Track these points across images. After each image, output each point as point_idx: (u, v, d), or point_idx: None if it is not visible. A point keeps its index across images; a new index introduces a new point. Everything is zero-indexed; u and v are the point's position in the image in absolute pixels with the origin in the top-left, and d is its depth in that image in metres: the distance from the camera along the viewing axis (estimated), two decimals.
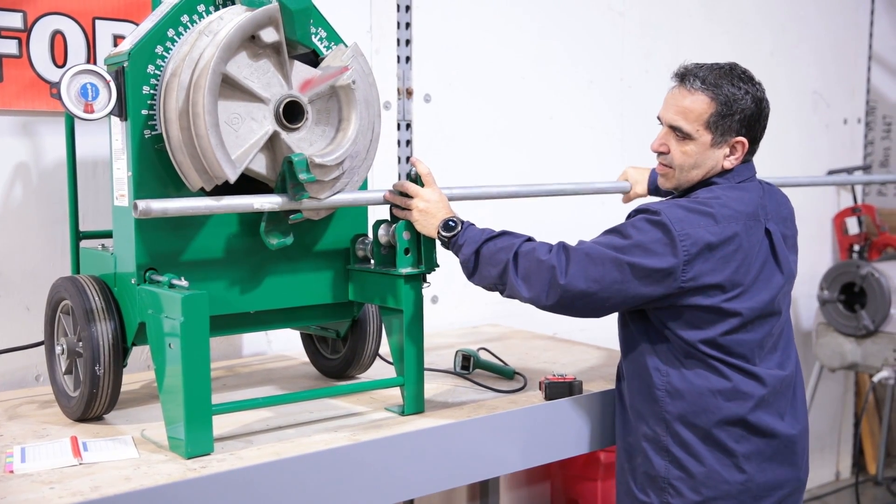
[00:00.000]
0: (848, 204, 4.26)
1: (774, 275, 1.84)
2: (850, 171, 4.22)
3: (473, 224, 1.90)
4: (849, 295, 3.83)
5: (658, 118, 1.91)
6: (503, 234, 1.86)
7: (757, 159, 1.84)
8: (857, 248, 4.09)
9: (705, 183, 1.88)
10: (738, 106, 1.83)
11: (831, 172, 4.24)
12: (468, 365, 2.23)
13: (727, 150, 1.86)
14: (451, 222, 1.87)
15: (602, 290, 1.74)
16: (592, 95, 3.33)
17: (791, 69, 4.04)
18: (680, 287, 1.75)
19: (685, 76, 1.87)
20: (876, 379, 3.74)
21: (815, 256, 4.25)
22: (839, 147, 4.32)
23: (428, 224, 1.88)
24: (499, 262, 1.81)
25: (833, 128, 4.29)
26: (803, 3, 4.08)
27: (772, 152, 3.98)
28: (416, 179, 1.96)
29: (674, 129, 1.86)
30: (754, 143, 1.90)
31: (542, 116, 3.18)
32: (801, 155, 4.13)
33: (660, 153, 1.90)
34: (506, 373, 2.22)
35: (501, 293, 1.84)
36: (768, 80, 3.89)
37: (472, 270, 1.85)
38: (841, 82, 4.31)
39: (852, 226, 4.18)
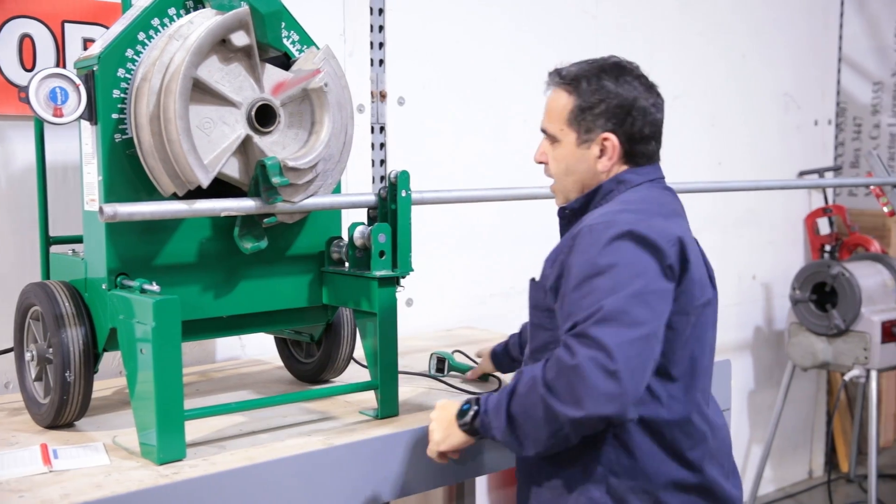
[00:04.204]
0: (819, 204, 4.31)
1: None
2: (821, 172, 4.27)
3: (482, 395, 1.63)
4: (820, 294, 3.87)
5: None
6: (514, 379, 1.55)
7: (730, 159, 1.82)
8: (828, 248, 4.13)
9: (600, 192, 1.67)
10: (597, 97, 1.63)
11: (803, 173, 4.29)
12: (442, 367, 2.24)
13: (597, 151, 1.65)
14: (462, 407, 1.63)
15: (652, 335, 1.46)
16: None
17: (763, 71, 4.08)
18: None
19: (550, 75, 1.71)
20: (847, 377, 3.78)
21: (787, 256, 4.30)
22: (810, 148, 4.37)
23: (445, 428, 1.64)
24: (535, 405, 1.47)
25: (804, 129, 4.34)
26: (775, 6, 4.12)
27: (744, 153, 4.03)
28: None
29: (544, 133, 1.72)
30: (632, 141, 1.65)
31: (516, 119, 3.19)
32: (773, 156, 4.17)
33: (542, 164, 1.75)
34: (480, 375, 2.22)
35: (570, 440, 1.49)
36: (741, 81, 3.97)
37: (519, 440, 1.52)
38: (812, 84, 4.36)
39: (823, 226, 4.22)
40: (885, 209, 3.50)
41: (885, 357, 3.69)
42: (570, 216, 1.74)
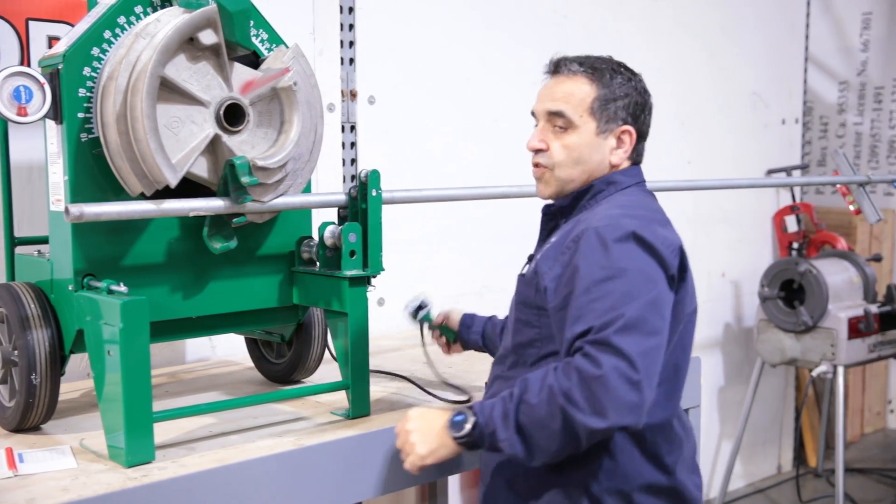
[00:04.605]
0: (787, 202, 4.36)
1: None
2: (788, 170, 4.32)
3: (473, 404, 1.55)
4: (788, 291, 3.92)
5: (533, 114, 1.71)
6: (518, 387, 1.49)
7: (699, 158, 1.84)
8: (795, 245, 4.18)
9: (590, 192, 1.66)
10: (621, 91, 1.65)
11: (770, 171, 4.34)
12: (417, 313, 2.13)
13: (613, 143, 1.66)
14: (455, 419, 1.54)
15: (664, 344, 1.48)
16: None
17: (731, 71, 4.12)
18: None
19: (560, 65, 1.68)
20: (815, 373, 3.83)
21: (755, 254, 4.34)
22: (778, 146, 4.42)
23: (431, 440, 1.55)
24: (552, 416, 1.43)
25: (772, 128, 4.39)
26: (742, 6, 4.17)
27: (713, 152, 4.07)
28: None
29: (555, 116, 1.64)
30: (641, 138, 1.70)
31: (487, 118, 3.19)
32: (742, 154, 4.21)
33: (537, 151, 1.68)
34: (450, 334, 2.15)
35: (580, 449, 1.47)
36: (709, 81, 4.00)
37: (530, 451, 1.47)
38: (779, 83, 4.41)
39: (791, 224, 4.28)
40: (851, 207, 3.55)
41: (852, 353, 3.75)
42: (555, 213, 1.73)
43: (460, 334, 2.11)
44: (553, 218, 1.74)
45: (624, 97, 1.65)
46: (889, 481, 4.40)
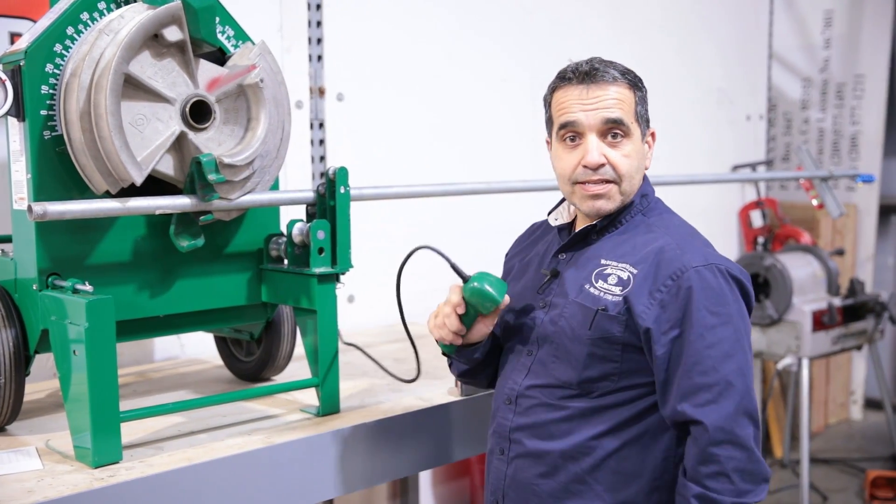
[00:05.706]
0: (752, 198, 4.41)
1: None
2: (753, 166, 4.37)
3: None
4: (754, 285, 3.96)
5: (568, 133, 1.60)
6: None
7: (666, 154, 1.85)
8: (761, 240, 4.24)
9: (630, 209, 1.65)
10: (645, 91, 1.64)
11: (736, 167, 4.39)
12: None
13: (646, 146, 1.65)
14: None
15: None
16: (505, 94, 3.37)
17: (696, 67, 4.16)
18: None
19: (596, 72, 1.61)
20: (780, 366, 3.89)
21: (721, 249, 4.36)
22: (743, 142, 4.47)
23: None
24: None
25: (737, 124, 4.44)
26: (707, 4, 4.21)
27: (679, 148, 4.11)
28: None
29: (613, 125, 1.56)
30: None
31: (456, 115, 3.20)
32: (707, 150, 4.26)
33: (599, 167, 1.57)
34: None
35: None
36: (675, 77, 4.04)
37: None
38: (743, 80, 4.46)
39: (756, 219, 4.33)
40: (815, 202, 3.60)
41: (816, 345, 3.81)
42: (588, 233, 1.65)
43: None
44: (585, 238, 1.66)
45: (646, 97, 1.65)
46: (852, 471, 4.47)
